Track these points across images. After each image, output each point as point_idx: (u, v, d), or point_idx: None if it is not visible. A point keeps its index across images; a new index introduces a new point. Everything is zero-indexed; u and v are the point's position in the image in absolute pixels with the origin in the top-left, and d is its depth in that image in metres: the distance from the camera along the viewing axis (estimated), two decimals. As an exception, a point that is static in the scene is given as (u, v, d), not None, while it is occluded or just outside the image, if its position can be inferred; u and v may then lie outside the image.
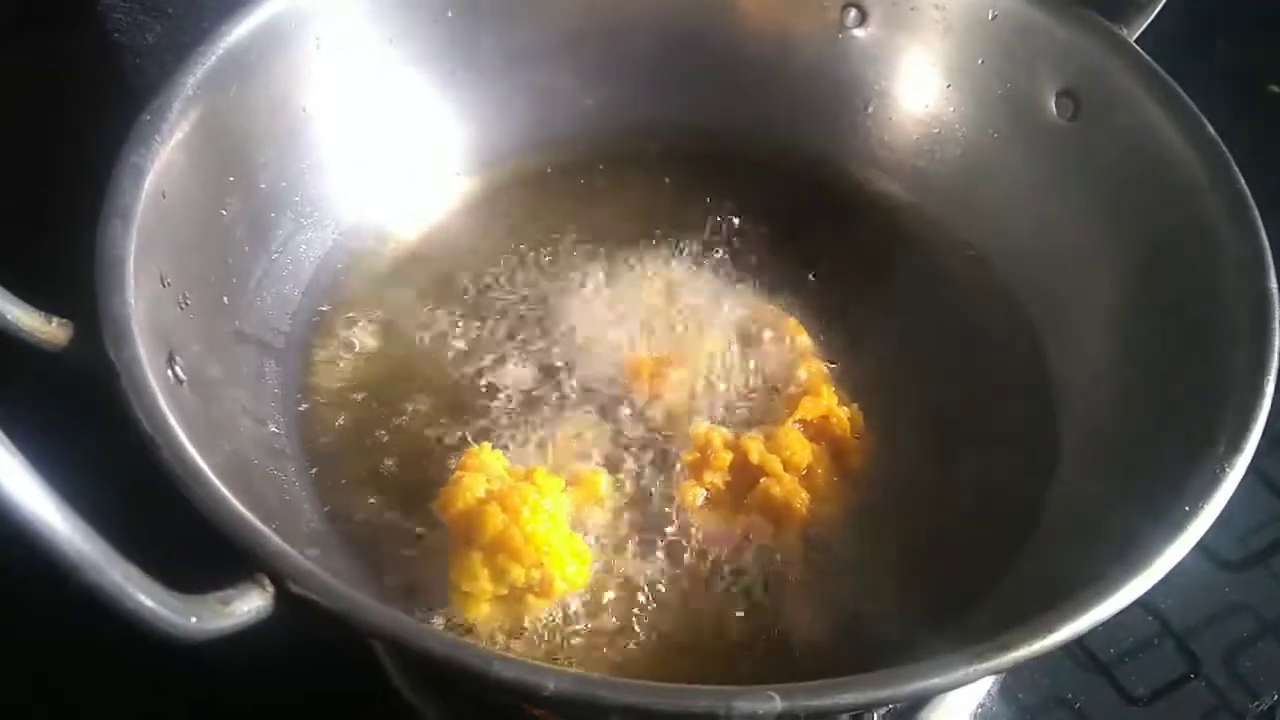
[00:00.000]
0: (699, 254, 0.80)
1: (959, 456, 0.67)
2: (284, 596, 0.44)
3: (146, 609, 0.40)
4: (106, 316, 0.52)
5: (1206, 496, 0.51)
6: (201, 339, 0.61)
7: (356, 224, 0.78)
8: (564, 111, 0.85)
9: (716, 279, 0.78)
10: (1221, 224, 0.62)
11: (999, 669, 0.45)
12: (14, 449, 0.36)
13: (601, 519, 0.65)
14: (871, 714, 0.61)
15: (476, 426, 0.69)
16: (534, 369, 0.72)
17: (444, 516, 0.60)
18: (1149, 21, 0.72)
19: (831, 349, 0.74)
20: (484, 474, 0.61)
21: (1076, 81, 0.73)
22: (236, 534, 0.46)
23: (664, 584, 0.63)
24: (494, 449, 0.64)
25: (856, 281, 0.78)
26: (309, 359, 0.72)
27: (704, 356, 0.72)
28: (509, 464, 0.64)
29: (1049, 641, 0.45)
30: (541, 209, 0.83)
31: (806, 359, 0.72)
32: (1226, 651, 0.73)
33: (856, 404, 0.69)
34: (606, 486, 0.65)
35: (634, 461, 0.67)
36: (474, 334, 0.74)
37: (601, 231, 0.81)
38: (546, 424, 0.69)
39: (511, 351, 0.73)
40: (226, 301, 0.66)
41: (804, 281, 0.78)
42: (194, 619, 0.41)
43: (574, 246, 0.80)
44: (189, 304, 0.61)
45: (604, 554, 0.63)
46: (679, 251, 0.80)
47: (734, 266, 0.79)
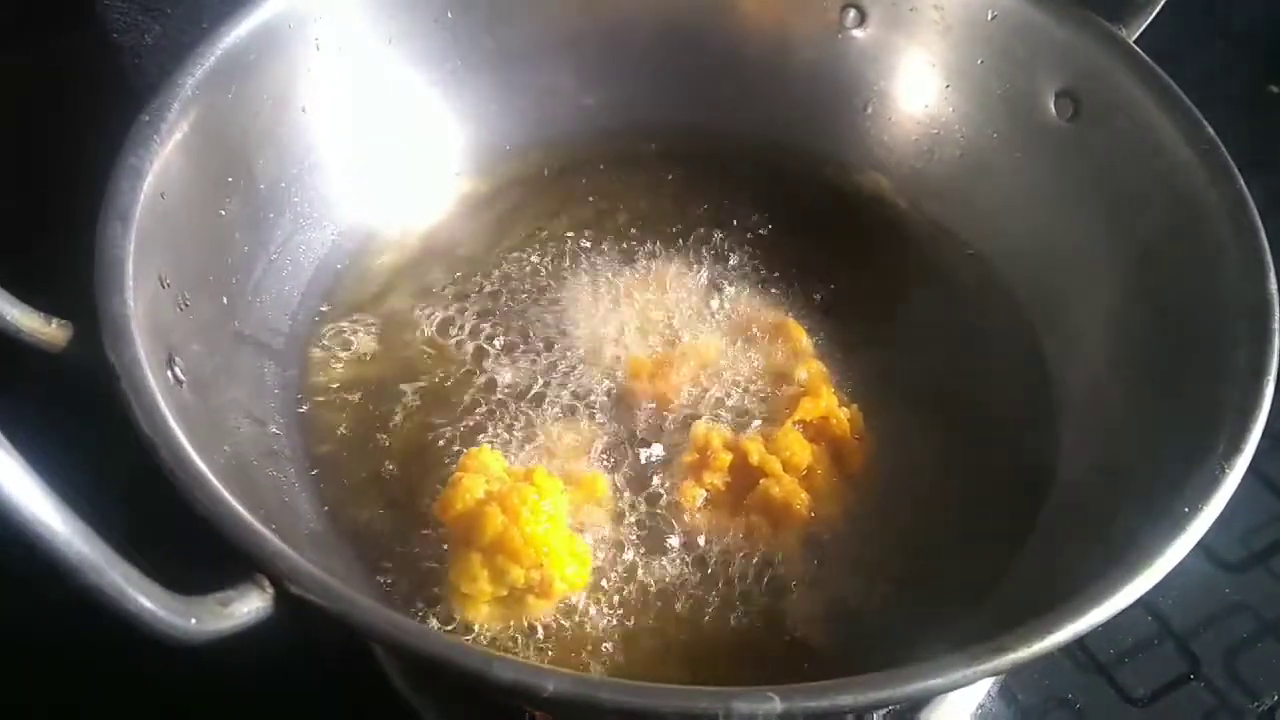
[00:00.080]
0: (699, 254, 0.80)
1: (959, 456, 0.67)
2: (283, 597, 0.44)
3: (146, 610, 0.40)
4: (106, 317, 0.52)
5: (1206, 496, 0.51)
6: (201, 339, 0.61)
7: (356, 224, 0.78)
8: (564, 111, 0.85)
9: (716, 279, 0.78)
10: (1221, 224, 0.62)
11: (999, 670, 0.45)
12: (14, 450, 0.36)
13: (601, 519, 0.65)
14: (871, 715, 0.61)
15: (476, 427, 0.69)
16: (534, 369, 0.72)
17: (443, 518, 0.60)
18: (1148, 22, 0.72)
19: (831, 349, 0.74)
20: (483, 475, 0.61)
21: (1076, 82, 0.73)
22: (236, 535, 0.46)
23: (664, 584, 0.63)
24: (493, 450, 0.64)
25: (856, 282, 0.78)
26: (308, 359, 0.72)
27: (704, 357, 0.72)
28: (508, 465, 0.64)
29: (1049, 642, 0.45)
30: (541, 209, 0.83)
31: (806, 359, 0.72)
32: (1226, 652, 0.73)
33: (856, 404, 0.69)
34: (606, 487, 0.65)
35: (634, 462, 0.67)
36: (474, 334, 0.74)
37: (601, 232, 0.81)
38: (546, 425, 0.69)
39: (511, 352, 0.73)
40: (226, 302, 0.66)
41: (803, 282, 0.78)
42: (193, 620, 0.41)
43: (574, 247, 0.80)
44: (188, 305, 0.61)
45: (604, 554, 0.63)
46: (679, 251, 0.80)
47: (734, 267, 0.79)
